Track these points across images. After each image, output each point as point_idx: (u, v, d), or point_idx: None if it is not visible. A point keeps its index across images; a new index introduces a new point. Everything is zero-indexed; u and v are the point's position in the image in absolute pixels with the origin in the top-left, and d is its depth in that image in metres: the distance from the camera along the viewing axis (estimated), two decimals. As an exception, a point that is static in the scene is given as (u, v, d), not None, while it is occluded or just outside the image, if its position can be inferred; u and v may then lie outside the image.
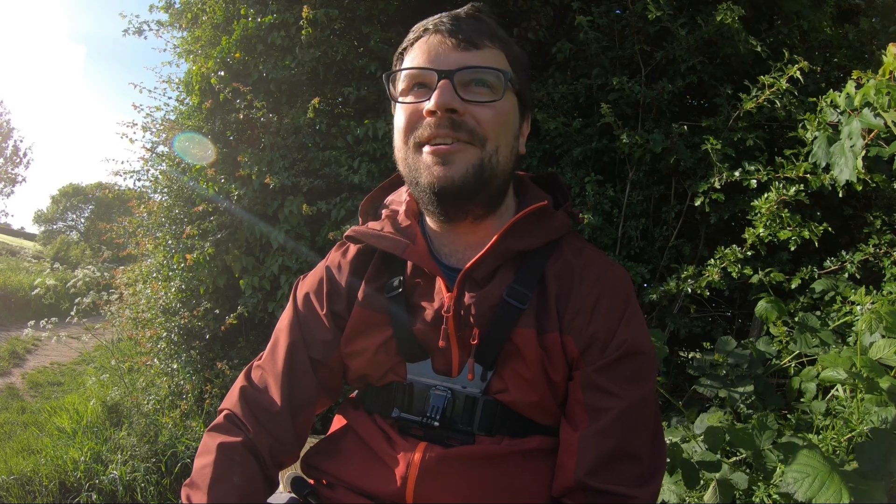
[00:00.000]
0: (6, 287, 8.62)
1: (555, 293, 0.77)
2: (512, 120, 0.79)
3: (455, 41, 0.75)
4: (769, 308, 1.60)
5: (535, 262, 0.80)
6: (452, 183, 0.73)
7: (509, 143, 0.78)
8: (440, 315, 0.77)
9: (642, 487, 0.70)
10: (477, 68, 0.74)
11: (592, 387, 0.74)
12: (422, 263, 0.79)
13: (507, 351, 0.75)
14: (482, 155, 0.74)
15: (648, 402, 0.76)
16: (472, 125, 0.73)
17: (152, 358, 3.34)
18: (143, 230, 3.41)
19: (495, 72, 0.75)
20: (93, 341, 4.88)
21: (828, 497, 0.94)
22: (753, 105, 2.00)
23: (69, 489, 2.53)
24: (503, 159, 0.76)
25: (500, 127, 0.76)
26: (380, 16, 2.81)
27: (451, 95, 0.72)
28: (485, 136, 0.74)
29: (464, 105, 0.73)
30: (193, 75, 2.70)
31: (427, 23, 0.79)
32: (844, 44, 2.43)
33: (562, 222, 0.83)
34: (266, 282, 2.52)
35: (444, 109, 0.72)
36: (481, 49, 0.76)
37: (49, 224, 24.45)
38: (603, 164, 2.42)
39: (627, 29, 2.39)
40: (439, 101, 0.72)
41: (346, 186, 2.49)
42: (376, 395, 0.83)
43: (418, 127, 0.75)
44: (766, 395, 1.57)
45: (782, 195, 1.80)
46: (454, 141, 0.73)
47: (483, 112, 0.74)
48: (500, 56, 0.78)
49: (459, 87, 0.74)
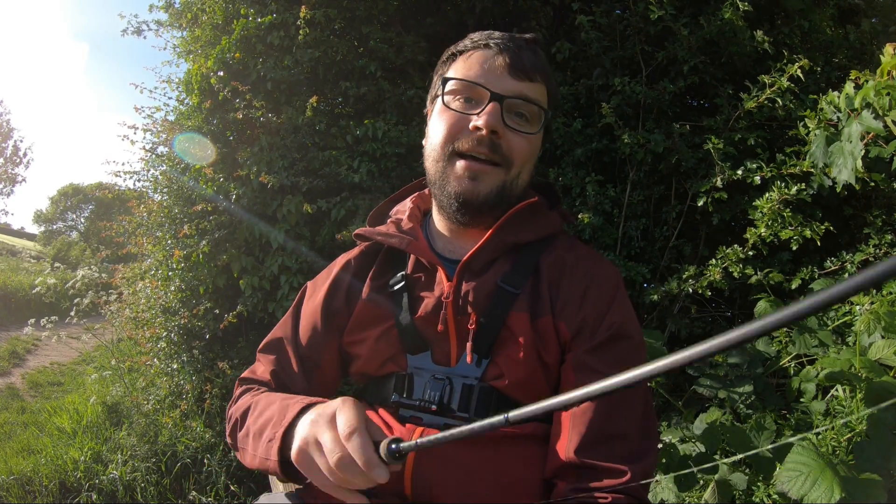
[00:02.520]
0: (6, 287, 8.62)
1: (548, 282, 0.83)
2: (537, 150, 0.87)
3: (512, 67, 0.81)
4: (769, 308, 1.60)
5: (528, 254, 0.85)
6: (477, 198, 0.81)
7: (530, 170, 0.86)
8: (440, 302, 0.82)
9: (633, 464, 0.72)
10: (526, 100, 0.81)
11: (583, 368, 0.77)
12: (423, 256, 0.85)
13: (502, 337, 0.79)
14: (506, 178, 0.82)
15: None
16: (505, 150, 0.81)
17: (152, 358, 3.34)
18: (142, 230, 3.41)
19: (539, 108, 0.82)
20: (93, 341, 4.88)
21: (819, 494, 0.94)
22: (754, 104, 2.00)
23: (69, 489, 2.53)
24: (522, 183, 0.85)
25: (528, 156, 0.84)
26: (380, 16, 2.81)
27: (499, 119, 0.79)
28: (513, 161, 0.82)
29: (504, 129, 0.80)
30: (193, 75, 2.70)
31: (491, 37, 0.84)
32: (845, 44, 2.43)
33: (555, 221, 0.90)
34: (266, 282, 2.52)
35: (490, 130, 0.78)
36: (533, 82, 0.83)
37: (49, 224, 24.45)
38: (604, 165, 2.42)
39: (629, 29, 2.38)
40: (489, 122, 0.78)
41: (345, 186, 2.49)
42: (376, 387, 0.86)
43: (460, 137, 0.81)
44: (765, 395, 1.57)
45: (784, 194, 1.80)
46: (487, 160, 0.80)
47: (518, 141, 0.81)
48: (543, 92, 0.85)
49: (504, 111, 0.80)
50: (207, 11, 2.94)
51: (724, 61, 2.32)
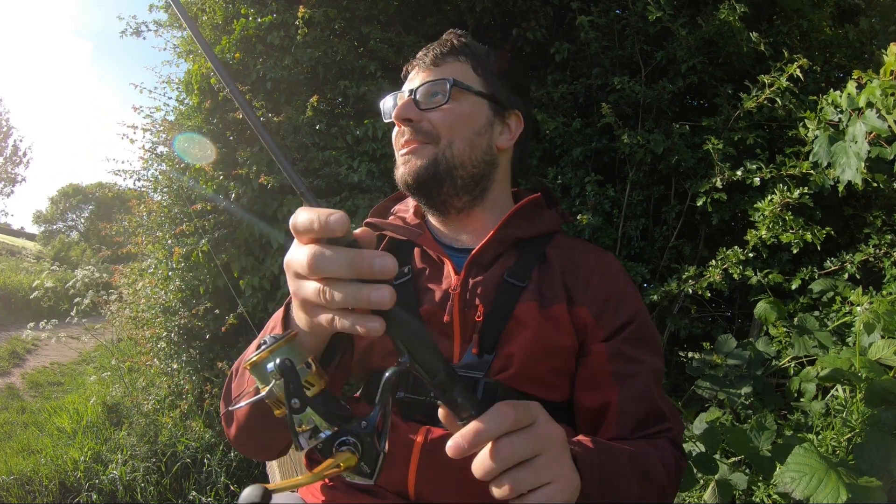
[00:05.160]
0: (6, 287, 8.63)
1: (560, 270, 0.87)
2: (469, 117, 0.89)
3: (422, 66, 0.91)
4: (768, 309, 1.60)
5: (532, 248, 0.89)
6: (413, 175, 0.86)
7: (466, 137, 0.88)
8: (447, 294, 0.83)
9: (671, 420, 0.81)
10: (430, 82, 0.88)
11: (620, 356, 0.81)
12: (432, 249, 0.88)
13: (509, 328, 0.81)
14: (437, 150, 0.86)
15: (659, 362, 0.87)
16: (427, 128, 0.87)
17: (152, 358, 3.34)
18: (142, 230, 3.42)
19: (442, 81, 0.88)
20: (93, 341, 4.88)
21: (825, 495, 0.94)
22: (754, 104, 2.00)
23: (69, 489, 2.53)
24: (459, 151, 0.87)
25: (453, 124, 0.87)
26: (379, 16, 2.81)
27: (408, 107, 0.87)
28: (438, 134, 0.86)
29: (420, 114, 0.87)
30: (193, 75, 2.70)
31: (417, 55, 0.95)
32: (844, 44, 2.43)
33: (554, 219, 0.95)
34: (266, 282, 2.52)
35: (399, 119, 0.87)
36: (441, 66, 0.90)
37: (49, 224, 24.45)
38: (603, 164, 2.42)
39: (627, 29, 2.38)
40: (397, 113, 0.87)
41: (345, 186, 2.49)
42: (377, 381, 0.84)
43: (396, 139, 0.91)
44: (765, 395, 1.57)
45: (787, 198, 1.80)
46: (412, 141, 0.87)
47: (436, 115, 0.87)
48: (463, 68, 0.91)
49: (422, 99, 0.87)
50: (207, 11, 2.94)
51: (723, 61, 2.32)
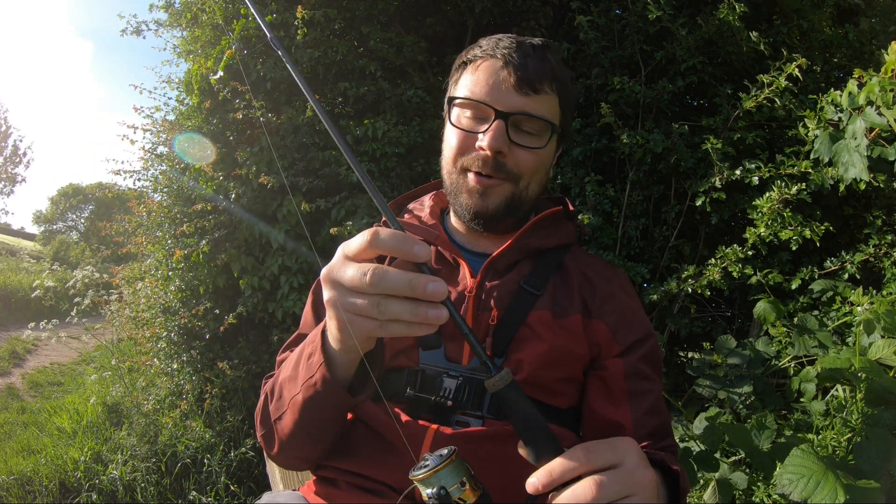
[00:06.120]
0: (6, 287, 8.62)
1: (577, 282, 0.88)
2: (548, 161, 0.89)
3: (517, 81, 0.81)
4: (768, 309, 1.60)
5: (549, 259, 0.90)
6: (487, 211, 0.85)
7: (540, 180, 0.89)
8: (462, 296, 0.84)
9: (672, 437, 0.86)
10: (530, 116, 0.81)
11: (636, 374, 0.83)
12: (448, 251, 0.89)
13: (521, 334, 0.81)
14: (515, 190, 0.85)
15: (662, 380, 0.91)
16: (511, 166, 0.83)
17: (152, 358, 3.34)
18: (142, 230, 3.42)
19: (545, 123, 0.82)
20: (93, 341, 4.88)
21: (823, 496, 0.94)
22: (753, 104, 2.00)
23: (69, 489, 2.53)
24: (532, 192, 0.87)
25: (535, 169, 0.85)
26: (379, 16, 2.81)
27: (503, 140, 0.80)
28: (520, 175, 0.84)
29: (510, 147, 0.81)
30: (193, 75, 2.70)
31: (498, 46, 0.84)
32: (844, 43, 2.43)
33: (571, 231, 0.96)
34: (266, 282, 2.52)
35: (494, 151, 0.81)
36: (539, 94, 0.82)
37: (49, 224, 24.46)
38: (603, 164, 2.42)
39: (627, 29, 2.38)
40: (492, 145, 0.80)
41: (345, 186, 2.49)
42: (387, 380, 0.85)
43: (467, 154, 0.84)
44: (765, 395, 1.57)
45: (784, 194, 1.80)
46: (494, 178, 0.83)
47: (524, 156, 0.83)
48: (553, 102, 0.85)
49: (510, 127, 0.81)
50: (207, 11, 2.94)
51: (723, 61, 2.32)
